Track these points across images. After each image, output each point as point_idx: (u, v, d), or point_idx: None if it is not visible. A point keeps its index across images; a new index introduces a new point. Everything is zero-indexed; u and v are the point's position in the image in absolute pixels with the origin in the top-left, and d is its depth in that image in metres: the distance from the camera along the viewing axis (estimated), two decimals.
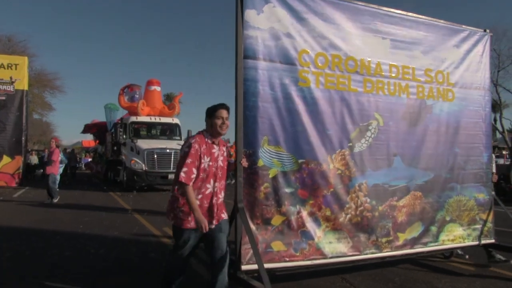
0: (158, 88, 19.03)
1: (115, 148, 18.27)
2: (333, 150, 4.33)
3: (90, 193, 15.28)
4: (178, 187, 3.51)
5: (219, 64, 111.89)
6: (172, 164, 15.93)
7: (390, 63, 4.72)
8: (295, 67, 4.17)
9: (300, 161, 4.15)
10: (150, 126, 18.29)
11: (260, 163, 3.96)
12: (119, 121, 18.30)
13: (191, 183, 3.42)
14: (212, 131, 3.59)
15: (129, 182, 15.88)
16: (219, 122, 3.54)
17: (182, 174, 3.38)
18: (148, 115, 17.96)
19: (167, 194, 15.33)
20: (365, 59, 4.57)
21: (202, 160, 3.47)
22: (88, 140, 37.99)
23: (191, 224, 3.48)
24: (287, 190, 4.07)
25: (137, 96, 18.62)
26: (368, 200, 4.49)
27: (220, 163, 3.63)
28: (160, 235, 7.30)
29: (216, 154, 3.59)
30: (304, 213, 4.15)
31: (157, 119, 18.10)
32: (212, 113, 3.59)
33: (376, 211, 4.53)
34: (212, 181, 3.55)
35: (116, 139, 17.70)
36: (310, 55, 4.26)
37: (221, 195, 3.66)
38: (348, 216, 4.37)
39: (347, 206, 4.37)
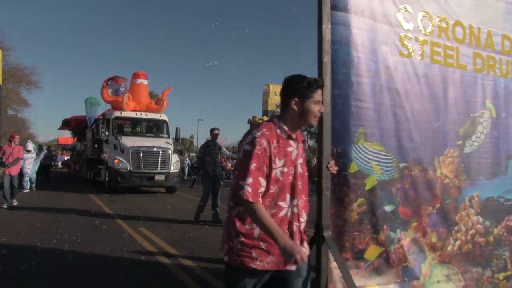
0: (145, 82, 17.46)
1: (96, 145, 16.82)
2: (440, 150, 3.07)
3: (67, 194, 13.62)
4: (233, 205, 2.16)
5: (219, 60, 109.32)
6: (159, 164, 14.54)
7: (503, 33, 3.49)
8: (394, 29, 2.89)
9: (401, 165, 2.87)
10: (135, 122, 16.72)
11: (353, 167, 2.65)
12: (101, 116, 16.70)
13: (260, 200, 2.07)
14: (298, 120, 2.19)
15: (112, 183, 14.31)
16: (316, 108, 2.15)
17: (247, 188, 2.02)
18: (133, 110, 16.35)
19: (151, 196, 13.91)
20: (474, 26, 3.33)
21: (274, 165, 2.10)
22: (65, 137, 36.07)
23: (257, 263, 2.11)
24: (388, 208, 2.78)
25: (122, 89, 16.97)
26: (481, 219, 3.24)
27: (299, 168, 2.22)
28: (137, 236, 6.95)
29: (294, 155, 2.19)
30: (406, 241, 2.87)
31: (143, 115, 16.53)
32: (303, 92, 2.16)
33: (490, 235, 3.29)
34: (288, 197, 2.18)
35: (98, 136, 16.14)
36: (413, 15, 2.99)
37: (304, 219, 2.26)
38: (458, 242, 3.11)
39: (455, 228, 3.11)
